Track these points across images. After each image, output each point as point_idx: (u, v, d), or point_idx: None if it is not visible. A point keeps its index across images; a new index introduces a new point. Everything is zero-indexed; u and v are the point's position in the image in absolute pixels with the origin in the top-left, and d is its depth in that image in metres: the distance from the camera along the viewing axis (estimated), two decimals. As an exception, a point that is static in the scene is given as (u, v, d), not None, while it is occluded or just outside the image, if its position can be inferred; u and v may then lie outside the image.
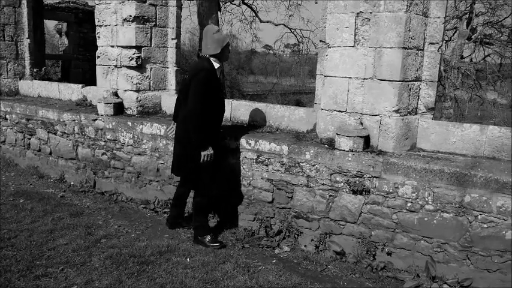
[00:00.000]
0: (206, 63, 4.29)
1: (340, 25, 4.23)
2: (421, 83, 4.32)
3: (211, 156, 4.23)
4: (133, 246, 4.27)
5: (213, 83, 4.26)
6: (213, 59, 4.32)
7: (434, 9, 4.19)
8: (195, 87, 4.18)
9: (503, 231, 3.58)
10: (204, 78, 4.18)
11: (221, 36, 4.30)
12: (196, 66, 4.44)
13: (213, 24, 4.51)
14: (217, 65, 4.33)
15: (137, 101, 5.97)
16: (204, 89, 4.16)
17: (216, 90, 4.29)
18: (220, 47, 4.28)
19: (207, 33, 4.34)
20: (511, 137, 3.97)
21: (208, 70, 4.24)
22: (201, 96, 4.15)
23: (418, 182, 3.87)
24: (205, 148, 4.21)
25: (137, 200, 5.63)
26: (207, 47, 4.30)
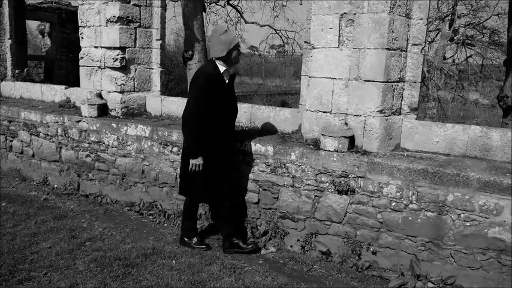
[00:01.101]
0: (210, 67, 4.09)
1: (325, 26, 4.26)
2: (405, 84, 4.37)
3: (199, 166, 4.06)
4: (118, 249, 4.23)
5: (218, 88, 4.05)
6: (220, 62, 4.09)
7: (417, 11, 4.24)
8: (192, 92, 4.05)
9: (485, 229, 3.64)
10: (204, 84, 3.98)
11: (229, 38, 4.04)
12: (198, 70, 4.22)
13: (221, 25, 4.26)
14: (223, 68, 4.09)
15: (121, 102, 5.92)
16: (203, 94, 3.97)
17: (221, 95, 4.08)
18: (226, 49, 4.03)
19: (214, 34, 4.10)
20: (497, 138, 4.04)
21: (209, 75, 4.02)
22: (198, 102, 3.98)
23: (402, 182, 3.91)
24: (195, 157, 4.05)
25: (122, 202, 5.58)
26: (213, 48, 4.07)
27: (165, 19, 6.22)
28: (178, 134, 5.05)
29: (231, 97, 4.27)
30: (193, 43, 9.81)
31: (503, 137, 4.03)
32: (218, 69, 4.08)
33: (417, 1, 4.21)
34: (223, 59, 4.08)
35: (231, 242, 4.29)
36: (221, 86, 4.10)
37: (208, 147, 4.09)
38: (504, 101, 8.26)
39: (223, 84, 4.13)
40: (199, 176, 4.12)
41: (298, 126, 4.88)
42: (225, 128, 4.22)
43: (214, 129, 4.10)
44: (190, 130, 4.03)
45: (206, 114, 4.00)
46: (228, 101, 4.21)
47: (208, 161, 4.10)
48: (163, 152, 5.21)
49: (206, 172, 4.12)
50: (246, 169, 4.64)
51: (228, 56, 4.07)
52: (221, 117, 4.13)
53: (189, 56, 9.88)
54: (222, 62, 4.09)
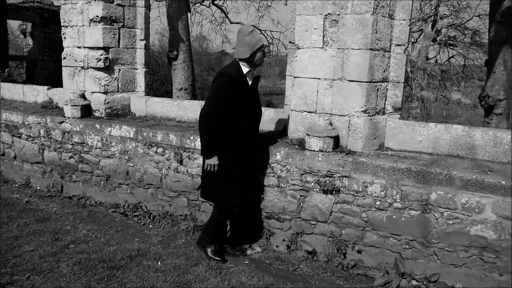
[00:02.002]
0: (233, 68, 3.95)
1: (309, 27, 4.27)
2: (388, 84, 4.41)
3: (214, 167, 3.92)
4: (103, 251, 4.19)
5: (239, 90, 3.90)
6: (243, 63, 3.96)
7: (400, 12, 4.28)
8: (211, 91, 3.94)
9: (468, 227, 3.69)
10: (224, 83, 3.85)
11: (253, 39, 3.91)
12: (220, 70, 4.06)
13: (247, 25, 4.09)
14: (246, 69, 3.96)
15: (105, 103, 5.86)
16: (223, 94, 3.83)
17: (243, 97, 3.93)
18: (250, 50, 3.90)
19: (239, 34, 3.96)
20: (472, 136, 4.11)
21: (231, 75, 3.88)
22: (217, 101, 3.84)
23: (387, 181, 3.94)
24: (209, 157, 3.92)
25: (106, 203, 5.53)
26: (238, 49, 3.95)
27: (149, 19, 6.18)
28: (163, 135, 5.02)
29: (254, 99, 4.10)
30: (178, 43, 9.79)
31: (485, 136, 4.09)
32: (241, 71, 3.95)
33: (400, 2, 4.25)
34: (246, 60, 3.95)
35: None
36: (243, 87, 3.96)
37: (226, 149, 3.95)
38: (486, 101, 8.40)
39: (246, 86, 3.99)
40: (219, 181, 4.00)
41: (283, 127, 4.90)
42: (247, 131, 4.04)
43: (233, 132, 3.94)
44: (205, 129, 3.89)
45: (225, 115, 3.85)
46: (251, 104, 4.05)
47: (226, 163, 3.96)
48: (148, 153, 5.17)
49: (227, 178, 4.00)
50: (232, 169, 4.63)
51: (251, 58, 3.94)
52: (242, 119, 3.96)
53: (173, 56, 9.85)
54: (246, 63, 3.96)
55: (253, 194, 4.52)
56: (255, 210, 4.55)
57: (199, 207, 4.91)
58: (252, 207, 4.55)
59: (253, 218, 4.57)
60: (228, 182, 4.02)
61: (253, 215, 4.57)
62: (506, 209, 3.55)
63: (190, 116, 5.58)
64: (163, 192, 5.13)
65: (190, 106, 5.61)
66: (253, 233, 4.57)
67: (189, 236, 4.67)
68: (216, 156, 3.93)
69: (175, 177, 5.00)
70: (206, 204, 4.85)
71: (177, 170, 4.99)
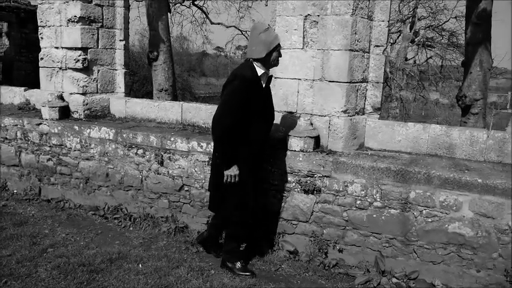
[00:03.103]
0: (247, 69, 3.65)
1: (289, 27, 4.29)
2: (368, 84, 4.46)
3: (235, 177, 3.66)
4: (82, 255, 4.13)
5: (254, 93, 3.64)
6: (257, 63, 3.67)
7: (379, 13, 4.34)
8: (226, 95, 3.63)
9: (446, 224, 3.76)
10: (239, 87, 3.57)
11: (269, 38, 3.62)
12: (233, 72, 3.73)
13: (261, 22, 3.83)
14: (261, 70, 3.67)
15: (84, 104, 5.78)
16: (238, 98, 3.57)
17: (258, 101, 3.68)
18: (266, 50, 3.62)
19: (253, 31, 3.68)
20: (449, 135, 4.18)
21: (245, 78, 3.60)
22: (232, 106, 3.58)
23: (367, 180, 3.99)
24: (229, 167, 3.64)
25: (86, 206, 5.45)
26: (252, 48, 3.66)
27: (128, 19, 6.12)
28: (143, 136, 4.98)
29: (268, 102, 3.86)
30: (158, 44, 9.71)
31: (462, 135, 4.17)
32: (255, 72, 3.66)
33: (379, 4, 4.31)
34: (261, 61, 3.67)
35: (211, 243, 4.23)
36: (258, 90, 3.69)
37: (243, 157, 3.71)
38: (463, 101, 8.56)
39: (261, 88, 3.72)
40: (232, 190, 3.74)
41: (264, 127, 4.90)
42: (259, 135, 3.78)
43: (244, 137, 3.68)
44: (222, 138, 3.61)
45: (240, 120, 3.60)
46: (264, 107, 3.79)
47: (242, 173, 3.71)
48: (128, 155, 5.12)
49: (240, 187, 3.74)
50: (213, 170, 4.62)
51: (267, 58, 3.67)
52: (254, 123, 3.70)
53: (154, 56, 9.77)
54: (260, 64, 3.68)
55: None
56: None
57: (180, 208, 4.88)
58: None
59: None
60: (240, 192, 3.76)
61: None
62: (482, 206, 3.63)
63: (171, 117, 5.54)
64: (143, 194, 5.08)
65: (171, 107, 5.58)
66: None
67: (170, 238, 4.63)
68: (235, 165, 3.66)
69: (156, 179, 4.97)
70: (187, 206, 4.82)
71: (157, 171, 4.95)
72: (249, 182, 3.79)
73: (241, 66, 3.76)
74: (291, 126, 4.34)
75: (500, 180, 3.58)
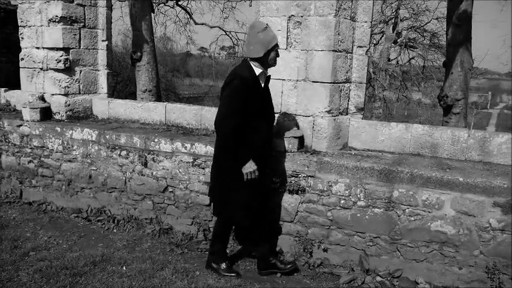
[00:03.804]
0: (244, 69, 3.62)
1: (273, 28, 4.28)
2: (351, 85, 4.49)
3: (254, 172, 3.61)
4: (65, 258, 4.07)
5: (253, 93, 3.60)
6: (255, 63, 3.64)
7: (362, 14, 4.37)
8: (225, 97, 3.59)
9: (428, 223, 3.81)
10: (239, 87, 3.53)
11: (267, 37, 3.58)
12: (232, 72, 3.70)
13: (259, 21, 3.79)
14: (259, 70, 3.64)
15: (66, 105, 5.71)
16: (238, 99, 3.52)
17: (257, 101, 3.64)
18: (264, 49, 3.58)
19: (251, 30, 3.63)
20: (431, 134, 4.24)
21: (244, 78, 3.57)
22: (233, 107, 3.52)
23: (351, 180, 4.01)
24: (244, 163, 3.59)
25: (68, 209, 5.37)
26: (249, 47, 3.62)
27: (111, 19, 6.06)
28: (127, 138, 4.93)
29: (267, 102, 3.82)
30: (141, 44, 9.64)
31: (444, 135, 4.24)
32: (254, 72, 3.63)
33: (361, 5, 4.34)
34: (259, 60, 3.64)
35: (267, 263, 3.99)
36: (257, 90, 3.65)
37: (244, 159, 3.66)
38: (444, 101, 8.68)
39: (259, 88, 3.69)
40: (237, 192, 3.70)
41: (248, 128, 4.90)
42: (260, 136, 3.73)
43: (249, 139, 3.64)
44: (228, 138, 3.57)
45: (241, 121, 3.55)
46: (264, 107, 3.75)
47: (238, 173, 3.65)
48: (111, 156, 5.07)
49: (245, 188, 3.68)
50: (197, 171, 4.60)
51: (265, 58, 3.63)
52: (255, 124, 3.66)
53: (137, 57, 9.70)
54: (258, 64, 3.65)
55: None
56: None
57: (164, 210, 4.85)
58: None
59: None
60: (243, 193, 3.70)
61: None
62: (464, 204, 3.68)
63: (154, 118, 5.51)
64: (127, 196, 5.04)
65: (154, 108, 5.54)
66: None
67: (154, 240, 4.60)
68: (252, 160, 3.61)
69: (140, 180, 4.93)
70: (172, 207, 4.80)
71: (141, 172, 4.91)
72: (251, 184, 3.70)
73: (239, 66, 3.74)
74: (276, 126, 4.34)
75: (481, 178, 3.64)
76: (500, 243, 3.63)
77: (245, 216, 3.77)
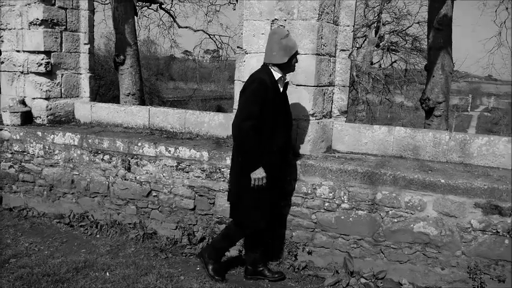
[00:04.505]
0: (264, 74, 3.62)
1: (256, 32, 4.31)
2: (334, 88, 4.53)
3: (263, 180, 3.57)
4: (47, 264, 4.01)
5: (272, 98, 3.60)
6: (275, 68, 3.65)
7: (344, 18, 4.41)
8: (245, 99, 3.57)
9: (411, 224, 3.85)
10: (258, 90, 3.53)
11: (290, 43, 3.64)
12: (251, 76, 3.69)
13: (281, 27, 3.79)
14: (278, 75, 3.66)
15: (47, 109, 5.63)
16: (258, 101, 3.51)
17: (275, 106, 3.64)
18: (288, 55, 3.62)
19: (273, 36, 3.65)
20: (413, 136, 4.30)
21: (264, 81, 3.56)
22: (252, 109, 3.51)
23: (334, 182, 4.04)
24: (254, 169, 3.56)
25: (50, 214, 5.29)
26: (272, 53, 3.62)
27: (93, 22, 6.00)
28: (110, 142, 4.89)
29: (285, 108, 3.81)
30: (124, 47, 9.58)
31: (425, 137, 4.29)
32: (273, 77, 3.65)
33: (344, 9, 4.38)
34: (280, 66, 3.66)
35: (255, 269, 3.99)
36: (276, 95, 3.66)
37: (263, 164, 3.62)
38: (426, 103, 8.81)
39: (278, 93, 3.70)
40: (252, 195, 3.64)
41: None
42: (279, 141, 3.72)
43: (267, 145, 3.63)
44: (244, 140, 3.54)
45: (259, 124, 3.54)
46: (282, 112, 3.75)
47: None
48: (94, 161, 5.01)
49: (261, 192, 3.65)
50: (181, 175, 4.58)
51: (288, 63, 3.67)
52: (275, 130, 3.67)
53: (120, 60, 9.62)
54: (278, 69, 3.67)
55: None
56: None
57: (148, 214, 4.81)
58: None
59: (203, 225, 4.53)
60: (259, 198, 3.67)
61: (207, 221, 4.54)
62: (445, 206, 3.73)
63: (138, 122, 5.47)
64: (110, 201, 4.98)
65: (138, 112, 5.50)
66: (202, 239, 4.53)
67: (138, 245, 4.56)
68: (261, 167, 3.58)
69: (123, 185, 4.88)
70: (156, 212, 4.76)
71: (124, 177, 4.87)
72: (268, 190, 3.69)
73: (258, 71, 3.73)
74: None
75: (462, 180, 3.70)
76: (482, 243, 3.69)
77: (261, 219, 3.74)
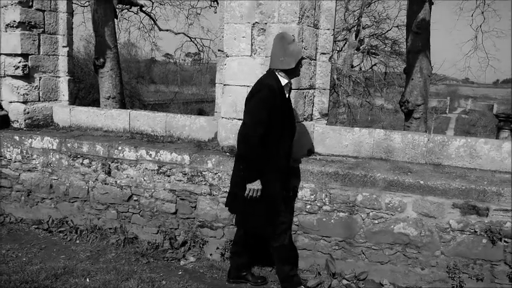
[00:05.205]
0: (271, 79, 3.57)
1: (237, 35, 4.32)
2: (315, 91, 4.56)
3: (257, 191, 3.52)
4: (25, 271, 3.93)
5: (279, 103, 3.55)
6: (282, 74, 3.61)
7: (324, 22, 4.45)
8: (252, 106, 3.49)
9: (391, 225, 3.90)
10: (267, 97, 3.46)
11: (297, 48, 3.61)
12: (258, 82, 3.63)
13: (286, 32, 3.76)
14: (285, 81, 3.62)
15: (25, 113, 5.52)
16: (266, 108, 3.44)
17: (282, 112, 3.59)
18: (295, 61, 3.58)
19: (280, 42, 3.59)
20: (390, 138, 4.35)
21: (273, 87, 3.51)
22: (259, 117, 3.43)
23: (316, 185, 4.06)
24: (252, 180, 3.50)
25: (28, 220, 5.19)
26: (279, 59, 3.57)
27: (72, 25, 5.92)
28: (89, 146, 4.82)
29: (289, 114, 3.76)
30: (104, 50, 9.48)
31: (404, 139, 4.35)
32: (280, 82, 3.60)
33: (324, 12, 4.42)
34: (287, 71, 3.61)
35: (239, 274, 3.98)
36: (283, 101, 3.62)
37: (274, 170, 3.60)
38: (405, 106, 8.94)
39: (285, 98, 3.65)
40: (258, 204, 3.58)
41: (214, 134, 4.89)
42: (285, 147, 3.71)
43: (272, 152, 3.58)
44: (248, 150, 3.48)
45: (266, 132, 3.48)
46: (287, 118, 3.70)
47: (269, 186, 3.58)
48: (73, 165, 4.94)
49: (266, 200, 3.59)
50: (162, 179, 4.54)
51: (295, 69, 3.63)
52: (282, 135, 3.63)
53: (100, 63, 9.52)
54: (285, 74, 3.62)
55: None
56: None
57: (129, 219, 4.76)
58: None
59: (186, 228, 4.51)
60: (273, 207, 3.63)
61: (189, 225, 4.51)
62: (425, 206, 3.79)
63: (118, 126, 5.41)
64: (90, 205, 4.91)
65: (118, 115, 5.44)
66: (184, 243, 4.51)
67: (119, 250, 4.50)
68: (259, 179, 3.53)
69: (104, 189, 4.82)
70: (137, 216, 4.72)
71: (105, 181, 4.81)
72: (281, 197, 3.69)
73: (265, 77, 3.67)
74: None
75: (440, 181, 3.76)
76: (460, 243, 3.75)
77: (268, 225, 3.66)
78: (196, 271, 4.16)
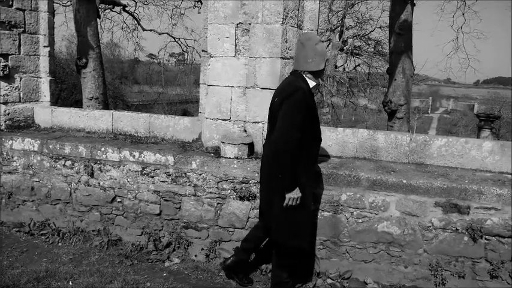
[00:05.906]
0: (301, 82, 3.41)
1: (221, 35, 4.31)
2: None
3: (297, 200, 3.35)
4: (6, 275, 3.86)
5: (311, 106, 3.45)
6: (309, 75, 3.46)
7: (308, 22, 4.47)
8: (289, 110, 3.29)
9: (375, 224, 3.93)
10: (301, 101, 3.31)
11: (324, 48, 3.46)
12: (290, 85, 3.43)
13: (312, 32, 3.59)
14: (312, 83, 3.46)
15: (5, 114, 5.43)
16: (301, 114, 3.30)
17: (313, 114, 3.50)
18: (323, 61, 3.44)
19: (307, 42, 3.43)
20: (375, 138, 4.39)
21: (304, 90, 3.36)
22: (295, 123, 3.27)
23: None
24: (292, 189, 3.32)
25: (9, 223, 5.10)
26: (307, 60, 3.41)
27: (53, 25, 5.84)
28: (72, 147, 4.76)
29: (316, 117, 3.62)
30: (87, 50, 9.38)
31: (388, 139, 4.40)
32: (308, 85, 3.45)
33: (308, 13, 4.44)
34: (314, 73, 3.47)
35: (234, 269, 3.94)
36: (313, 103, 3.50)
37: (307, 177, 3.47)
38: (388, 106, 9.04)
39: (314, 102, 3.54)
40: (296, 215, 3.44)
41: (198, 135, 4.88)
42: (316, 150, 3.61)
43: (306, 153, 3.44)
44: (286, 157, 3.27)
45: (303, 138, 3.34)
46: (316, 121, 3.58)
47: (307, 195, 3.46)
48: (55, 167, 4.87)
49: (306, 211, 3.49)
50: (146, 180, 4.51)
51: (322, 70, 3.49)
52: (312, 141, 3.51)
53: (83, 63, 9.41)
54: (311, 76, 3.47)
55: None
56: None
57: (113, 220, 4.71)
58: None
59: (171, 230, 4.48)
60: (303, 217, 3.50)
61: (173, 226, 4.49)
62: (407, 205, 3.84)
63: (101, 127, 5.35)
64: (73, 208, 4.85)
65: (101, 116, 5.38)
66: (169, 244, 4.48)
67: (102, 252, 4.45)
68: (298, 187, 3.35)
69: (86, 191, 4.76)
70: (121, 218, 4.67)
71: (88, 183, 4.75)
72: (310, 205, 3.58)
73: (293, 79, 3.48)
74: (225, 133, 4.35)
75: (422, 180, 3.81)
76: (442, 241, 3.81)
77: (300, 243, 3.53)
78: (181, 272, 4.14)
